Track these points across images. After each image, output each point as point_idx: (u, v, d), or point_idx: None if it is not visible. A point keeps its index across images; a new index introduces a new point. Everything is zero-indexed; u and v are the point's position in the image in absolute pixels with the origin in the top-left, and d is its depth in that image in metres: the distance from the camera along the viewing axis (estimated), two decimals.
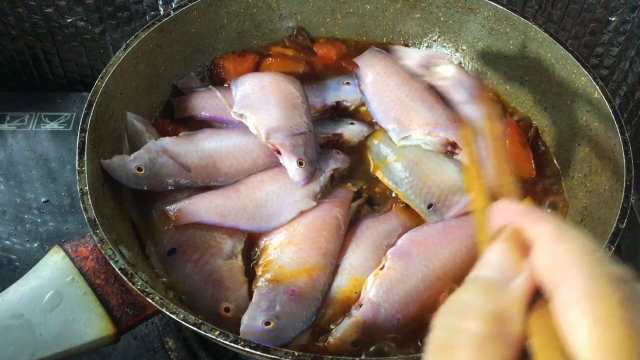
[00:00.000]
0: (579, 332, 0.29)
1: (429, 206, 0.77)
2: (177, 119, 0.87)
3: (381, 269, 0.69)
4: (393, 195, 0.81)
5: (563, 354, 0.29)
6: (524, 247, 0.33)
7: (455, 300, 0.32)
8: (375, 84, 0.88)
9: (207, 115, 0.87)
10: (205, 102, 0.87)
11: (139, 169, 0.75)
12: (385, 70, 0.88)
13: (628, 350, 0.28)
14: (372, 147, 0.85)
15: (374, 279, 0.69)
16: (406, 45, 0.98)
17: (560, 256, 0.31)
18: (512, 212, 0.35)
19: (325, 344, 0.66)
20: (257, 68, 0.93)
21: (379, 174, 0.82)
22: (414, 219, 0.78)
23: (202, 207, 0.74)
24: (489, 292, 0.31)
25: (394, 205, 0.80)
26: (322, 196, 0.78)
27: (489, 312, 0.30)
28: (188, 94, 0.89)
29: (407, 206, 0.79)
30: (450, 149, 0.81)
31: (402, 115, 0.83)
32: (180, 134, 0.81)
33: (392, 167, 0.82)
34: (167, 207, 0.74)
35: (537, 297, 0.32)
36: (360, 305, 0.67)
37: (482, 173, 0.43)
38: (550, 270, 0.31)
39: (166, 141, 0.78)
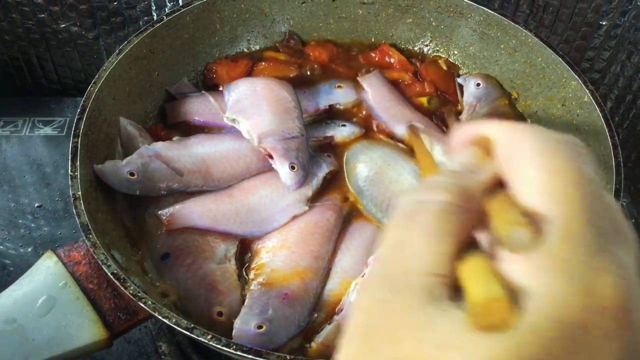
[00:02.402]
0: (528, 182, 0.31)
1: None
2: (171, 124, 0.87)
3: (363, 275, 0.70)
4: None
5: (516, 209, 0.30)
6: (487, 151, 0.34)
7: (424, 181, 0.33)
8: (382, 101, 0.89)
9: (201, 120, 0.87)
10: (199, 107, 0.88)
11: (132, 173, 0.75)
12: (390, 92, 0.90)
13: (578, 196, 0.29)
14: (347, 155, 0.85)
15: (355, 285, 0.69)
16: (400, 50, 0.98)
17: (517, 141, 0.32)
18: (470, 128, 0.36)
19: (308, 349, 0.66)
20: (250, 73, 0.93)
21: (347, 183, 0.82)
22: None
23: (194, 212, 0.74)
24: (455, 175, 0.33)
25: None
26: (314, 200, 0.79)
27: (455, 187, 0.31)
28: (181, 99, 0.89)
29: None
30: None
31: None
32: (174, 139, 0.81)
33: (355, 177, 0.81)
34: (160, 212, 0.74)
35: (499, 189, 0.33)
36: (342, 310, 0.68)
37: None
38: (507, 157, 0.33)
39: (159, 146, 0.79)
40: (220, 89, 0.91)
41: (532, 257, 0.28)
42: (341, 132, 0.86)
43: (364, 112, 0.90)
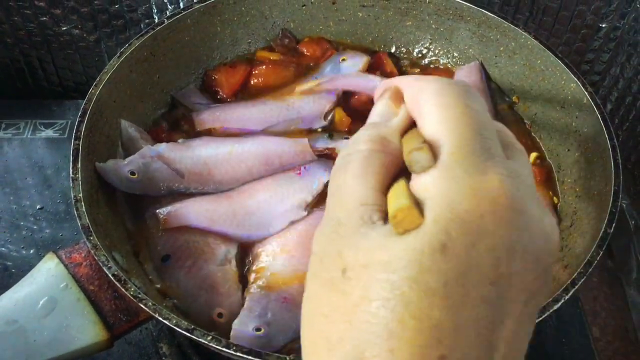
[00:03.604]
0: (427, 117, 0.38)
1: None
2: (198, 131, 0.87)
3: None
4: None
5: (419, 138, 0.38)
6: (400, 99, 0.43)
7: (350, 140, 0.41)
8: None
9: (230, 127, 0.86)
10: (227, 115, 0.87)
11: (132, 173, 0.75)
12: None
13: (465, 122, 0.37)
14: None
15: None
16: (400, 52, 0.99)
17: (418, 87, 0.40)
18: (383, 83, 0.45)
19: None
20: (248, 78, 0.93)
21: None
22: None
23: (191, 211, 0.75)
24: (374, 126, 0.41)
25: None
26: (315, 205, 0.79)
27: (372, 136, 0.40)
28: (207, 107, 0.89)
29: None
30: None
31: None
32: (179, 141, 0.82)
33: None
34: (158, 211, 0.74)
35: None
36: None
37: None
38: (413, 100, 0.41)
39: (162, 147, 0.79)
40: (221, 96, 0.92)
41: (430, 172, 0.35)
42: (343, 145, 0.86)
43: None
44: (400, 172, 0.39)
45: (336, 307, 0.35)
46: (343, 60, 0.93)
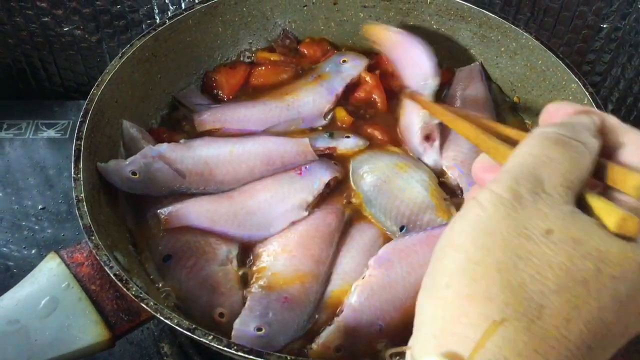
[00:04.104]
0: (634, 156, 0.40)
1: (401, 228, 0.76)
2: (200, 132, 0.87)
3: (363, 277, 0.70)
4: None
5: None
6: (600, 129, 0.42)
7: (565, 123, 0.41)
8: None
9: (231, 128, 0.87)
10: (228, 116, 0.87)
11: (134, 173, 0.75)
12: None
13: None
14: (353, 164, 0.84)
15: (355, 286, 0.69)
16: None
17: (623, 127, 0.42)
18: (569, 108, 0.44)
19: (308, 351, 0.66)
20: (247, 79, 0.93)
21: (354, 196, 0.81)
22: None
23: (192, 211, 0.75)
24: (593, 123, 0.41)
25: None
26: (316, 206, 0.79)
27: (596, 142, 0.40)
28: (207, 108, 0.89)
29: None
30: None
31: None
32: (180, 141, 0.82)
33: (362, 186, 0.81)
34: (159, 211, 0.74)
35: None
36: (342, 312, 0.68)
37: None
38: (619, 131, 0.41)
39: (163, 147, 0.79)
40: (220, 97, 0.92)
41: None
42: (345, 143, 0.86)
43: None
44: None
45: (525, 264, 0.35)
46: (344, 61, 0.93)
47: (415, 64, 0.86)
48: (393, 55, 0.91)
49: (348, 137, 0.87)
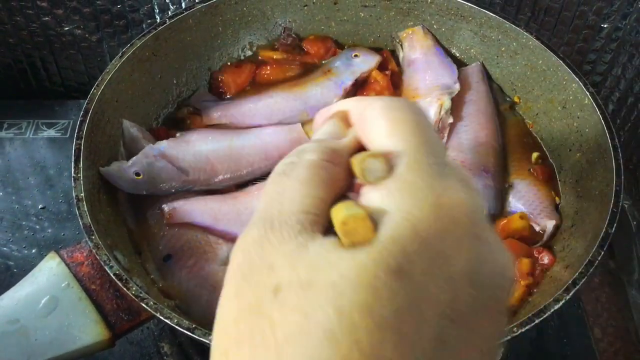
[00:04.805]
0: (378, 130, 0.35)
1: None
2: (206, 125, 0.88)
3: None
4: None
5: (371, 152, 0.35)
6: (346, 123, 0.39)
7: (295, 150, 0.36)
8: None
9: (238, 122, 0.87)
10: (234, 110, 0.88)
11: (137, 174, 0.75)
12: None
13: (419, 134, 0.34)
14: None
15: None
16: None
17: (366, 106, 0.37)
18: (329, 108, 0.41)
19: None
20: (254, 77, 0.93)
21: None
22: None
23: (196, 209, 0.75)
24: (323, 140, 0.37)
25: None
26: None
27: (321, 147, 0.35)
28: (215, 104, 0.89)
29: None
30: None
31: None
32: (177, 135, 0.82)
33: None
34: (163, 205, 0.75)
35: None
36: None
37: None
38: (361, 120, 0.37)
39: (163, 145, 0.79)
40: (227, 96, 0.92)
41: (385, 184, 0.32)
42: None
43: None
44: (342, 194, 0.35)
45: (261, 339, 0.28)
46: (355, 56, 0.93)
47: (444, 70, 0.91)
48: (421, 58, 0.93)
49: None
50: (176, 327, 0.59)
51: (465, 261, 0.30)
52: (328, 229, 0.32)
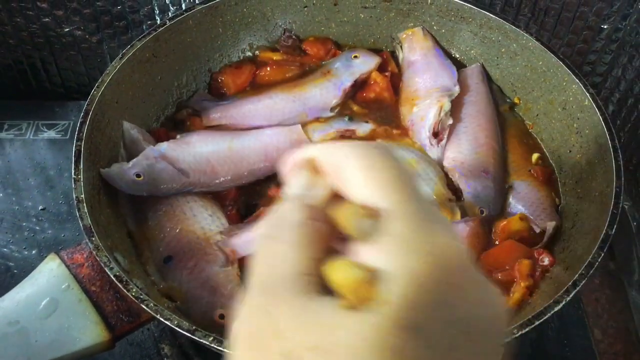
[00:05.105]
0: (356, 183, 0.34)
1: None
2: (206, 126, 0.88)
3: None
4: None
5: (354, 206, 0.34)
6: (316, 170, 0.38)
7: (273, 211, 0.36)
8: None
9: (237, 123, 0.87)
10: (234, 112, 0.88)
11: (138, 175, 0.76)
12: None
13: (401, 184, 0.34)
14: None
15: None
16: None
17: (338, 154, 0.36)
18: (295, 155, 0.40)
19: None
20: (253, 79, 0.94)
21: None
22: None
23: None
24: (298, 198, 0.36)
25: None
26: None
27: (303, 206, 0.35)
28: (215, 105, 0.89)
29: None
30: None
31: None
32: (177, 136, 0.82)
33: None
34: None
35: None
36: None
37: None
38: (335, 169, 0.36)
39: (164, 146, 0.79)
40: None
41: (378, 241, 0.32)
42: (363, 127, 0.87)
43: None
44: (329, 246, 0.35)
45: None
46: (355, 57, 0.93)
47: (444, 71, 0.91)
48: (420, 59, 0.93)
49: (367, 122, 0.88)
50: (176, 328, 0.59)
51: (469, 305, 0.31)
52: (323, 286, 0.32)
